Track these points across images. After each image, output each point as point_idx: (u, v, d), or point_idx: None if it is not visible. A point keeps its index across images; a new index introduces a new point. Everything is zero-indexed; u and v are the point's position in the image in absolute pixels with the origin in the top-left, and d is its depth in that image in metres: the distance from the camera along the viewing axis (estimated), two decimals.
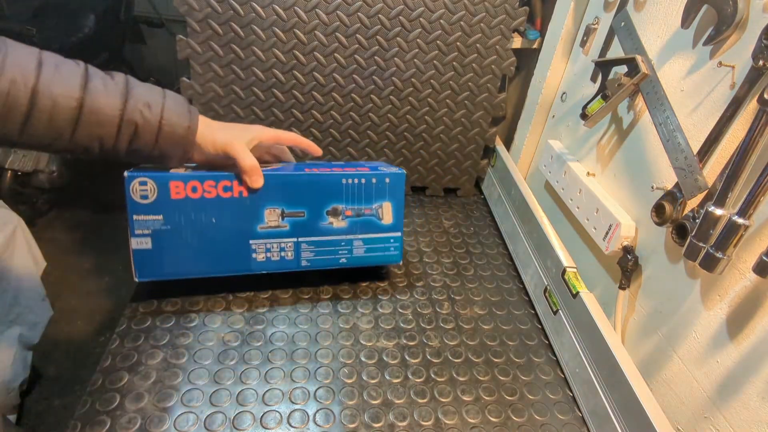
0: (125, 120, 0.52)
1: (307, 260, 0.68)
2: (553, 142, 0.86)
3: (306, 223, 0.66)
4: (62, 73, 0.49)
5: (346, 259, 0.70)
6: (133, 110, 0.52)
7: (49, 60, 0.49)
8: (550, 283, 0.74)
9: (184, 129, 0.56)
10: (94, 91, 0.50)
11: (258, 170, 0.61)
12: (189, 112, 0.57)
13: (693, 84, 0.57)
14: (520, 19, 0.87)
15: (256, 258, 0.65)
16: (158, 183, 0.59)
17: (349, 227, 0.68)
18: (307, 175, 0.65)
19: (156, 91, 0.56)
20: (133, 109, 0.52)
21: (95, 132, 0.51)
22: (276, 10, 0.80)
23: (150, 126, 0.54)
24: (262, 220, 0.64)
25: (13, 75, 0.46)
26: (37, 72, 0.48)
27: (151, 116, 0.54)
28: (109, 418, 0.54)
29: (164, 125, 0.54)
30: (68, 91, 0.49)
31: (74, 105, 0.49)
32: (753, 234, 0.48)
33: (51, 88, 0.48)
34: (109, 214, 2.03)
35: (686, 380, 0.56)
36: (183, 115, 0.56)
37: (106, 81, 0.52)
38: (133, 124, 0.53)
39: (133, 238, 0.61)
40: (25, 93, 0.47)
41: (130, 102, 0.52)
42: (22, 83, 0.47)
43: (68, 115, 0.49)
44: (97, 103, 0.50)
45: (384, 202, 0.69)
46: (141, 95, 0.53)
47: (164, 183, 0.59)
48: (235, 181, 0.62)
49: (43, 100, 0.48)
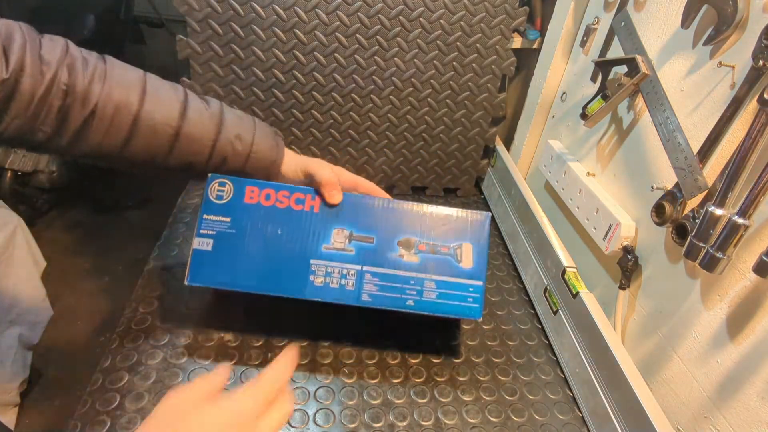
0: (217, 149, 0.56)
1: (369, 295, 0.60)
2: (553, 142, 0.86)
3: (374, 250, 0.61)
4: (163, 99, 0.52)
5: (414, 302, 0.60)
6: (225, 141, 0.56)
7: (152, 85, 0.52)
8: (550, 283, 0.74)
9: (270, 162, 0.60)
10: (191, 120, 0.53)
11: (336, 185, 0.60)
12: (277, 145, 0.60)
13: (693, 84, 0.57)
14: (520, 19, 0.87)
15: (313, 281, 0.60)
16: (235, 185, 0.60)
17: (422, 264, 0.61)
18: (383, 200, 0.62)
19: (247, 122, 0.58)
20: (225, 140, 0.56)
21: (187, 158, 0.55)
22: (276, 10, 0.80)
23: (239, 156, 0.57)
24: (328, 240, 0.60)
25: (119, 100, 0.49)
26: (141, 98, 0.50)
27: (241, 148, 0.57)
28: (109, 418, 0.54)
29: (252, 157, 0.58)
30: (167, 119, 0.52)
31: (171, 132, 0.52)
32: (753, 234, 0.48)
33: (153, 114, 0.51)
34: (109, 215, 2.03)
35: (686, 380, 0.56)
36: (271, 148, 0.59)
37: (201, 110, 0.55)
38: (223, 153, 0.56)
39: (197, 237, 0.59)
40: (128, 119, 0.50)
41: (222, 133, 0.55)
42: (126, 109, 0.49)
43: (165, 141, 0.52)
44: (193, 131, 0.53)
45: (464, 243, 0.62)
46: (233, 126, 0.56)
47: (241, 186, 0.60)
48: (309, 195, 0.60)
49: (144, 127, 0.51)
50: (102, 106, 0.48)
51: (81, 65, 0.48)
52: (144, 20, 2.17)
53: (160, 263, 0.76)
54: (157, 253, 0.78)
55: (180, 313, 0.67)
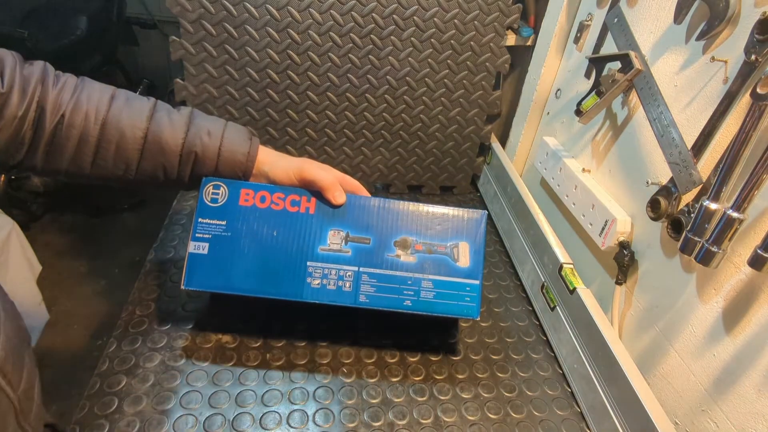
0: (186, 147, 0.55)
1: (366, 295, 0.60)
2: (548, 138, 0.87)
3: (371, 251, 0.60)
4: (132, 106, 0.53)
5: (412, 303, 0.60)
6: (194, 137, 0.55)
7: (121, 95, 0.54)
8: (547, 280, 0.74)
9: (243, 155, 0.58)
10: (159, 122, 0.54)
11: (338, 186, 0.60)
12: (249, 139, 0.59)
13: (686, 79, 0.57)
14: (513, 17, 0.87)
15: (310, 283, 0.59)
16: (230, 188, 0.59)
17: (419, 264, 0.61)
18: (379, 200, 0.62)
19: (218, 121, 0.58)
20: (194, 136, 0.56)
21: (159, 160, 0.55)
22: (269, 10, 0.80)
23: (210, 152, 0.57)
24: (325, 242, 0.60)
25: (88, 108, 0.51)
26: (109, 104, 0.52)
27: (210, 143, 0.56)
28: (107, 421, 0.54)
29: (223, 151, 0.57)
30: (135, 122, 0.53)
31: (140, 135, 0.53)
32: (747, 228, 0.49)
33: (119, 119, 0.52)
34: (104, 218, 2.03)
35: (683, 374, 0.56)
36: (243, 142, 0.58)
37: (171, 113, 0.56)
38: (193, 151, 0.56)
39: (192, 241, 0.59)
40: (95, 126, 0.51)
41: (191, 131, 0.56)
42: (93, 117, 0.51)
43: (134, 145, 0.53)
44: (161, 132, 0.54)
45: (460, 242, 0.62)
46: (203, 124, 0.57)
47: (236, 189, 0.59)
48: (304, 196, 0.60)
49: (111, 131, 0.52)
50: (71, 114, 0.50)
51: (53, 80, 0.51)
52: (136, 21, 2.16)
53: (156, 266, 0.75)
54: (153, 255, 0.77)
55: (177, 315, 0.67)
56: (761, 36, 0.46)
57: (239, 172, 0.59)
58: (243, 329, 0.66)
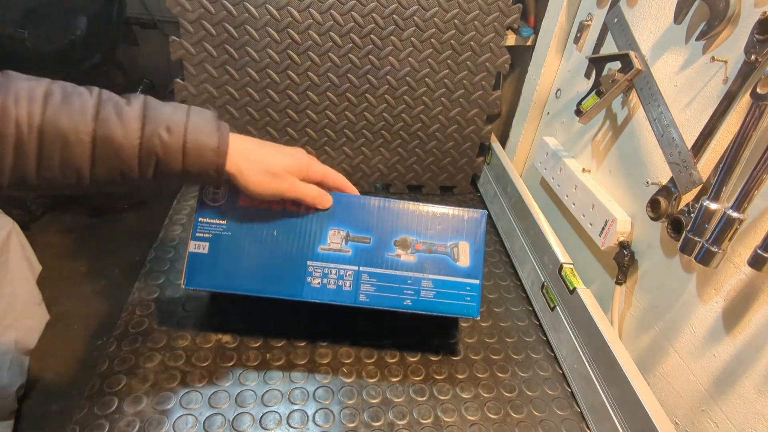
0: (145, 148, 0.47)
1: (366, 295, 0.60)
2: (548, 138, 0.87)
3: (371, 250, 0.61)
4: (71, 105, 0.44)
5: (412, 302, 0.61)
6: (152, 136, 0.47)
7: (56, 92, 0.44)
8: (547, 280, 0.74)
9: (212, 151, 0.49)
10: (107, 122, 0.45)
11: (320, 192, 0.59)
12: (218, 129, 0.50)
13: (686, 79, 0.57)
14: (513, 17, 0.87)
15: (310, 283, 0.60)
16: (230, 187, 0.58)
17: (419, 263, 0.61)
18: (380, 199, 0.62)
19: (179, 111, 0.49)
20: (152, 134, 0.47)
21: (115, 165, 0.46)
22: (269, 10, 0.80)
23: (172, 151, 0.48)
24: (325, 241, 0.60)
25: (18, 116, 0.42)
26: (43, 108, 0.43)
27: (171, 140, 0.48)
28: (107, 421, 0.54)
29: (189, 148, 0.48)
30: (78, 125, 0.44)
31: (87, 140, 0.44)
32: (747, 228, 0.49)
33: (58, 124, 0.43)
34: (103, 218, 2.02)
35: (683, 374, 0.56)
36: (210, 134, 0.50)
37: (120, 107, 0.46)
38: (153, 152, 0.47)
39: (192, 240, 0.59)
40: (30, 134, 0.42)
41: (147, 128, 0.47)
42: (27, 124, 0.42)
43: (82, 152, 0.45)
44: (112, 134, 0.45)
45: (460, 242, 0.62)
46: (160, 118, 0.48)
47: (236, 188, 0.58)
48: None
49: (51, 139, 0.43)
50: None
51: None
52: (136, 21, 2.16)
53: (156, 265, 0.75)
54: (153, 255, 0.77)
55: (177, 315, 0.67)
56: (761, 36, 0.46)
57: (211, 170, 0.50)
58: (243, 329, 0.66)
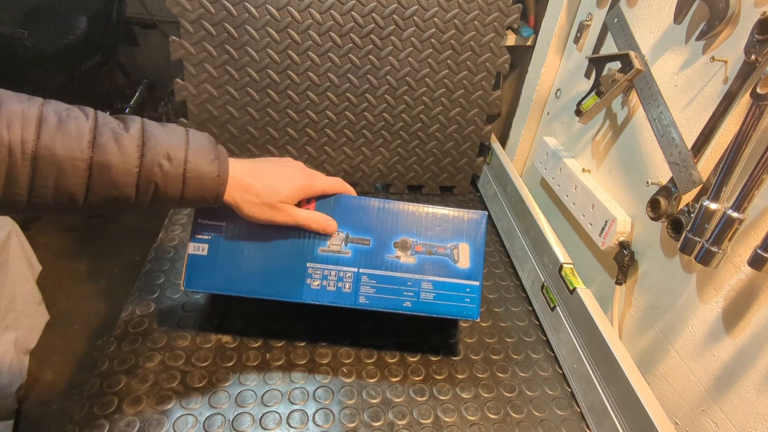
0: (144, 177, 0.46)
1: (365, 297, 0.60)
2: (548, 138, 0.87)
3: (370, 252, 0.60)
4: (66, 131, 0.43)
5: (411, 304, 0.60)
6: (152, 165, 0.46)
7: (50, 116, 0.42)
8: (547, 280, 0.74)
9: (212, 180, 0.50)
10: (104, 149, 0.44)
11: (320, 222, 0.59)
12: (217, 157, 0.50)
13: (686, 79, 0.57)
14: (513, 17, 0.87)
15: (310, 284, 0.59)
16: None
17: (419, 265, 0.61)
18: (379, 201, 0.62)
19: (178, 136, 0.49)
20: (152, 163, 0.46)
21: (111, 193, 0.45)
22: (269, 10, 0.80)
23: (172, 180, 0.48)
24: (324, 242, 0.60)
25: (11, 142, 0.40)
26: (36, 134, 0.41)
27: (171, 169, 0.47)
28: (107, 421, 0.54)
29: (189, 177, 0.48)
30: (74, 152, 0.43)
31: (83, 167, 0.43)
32: (747, 228, 0.49)
33: (53, 151, 0.41)
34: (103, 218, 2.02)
35: (683, 374, 0.56)
36: (210, 162, 0.50)
37: (118, 134, 0.45)
38: (152, 181, 0.46)
39: (192, 242, 0.59)
40: (24, 162, 0.41)
41: (147, 156, 0.46)
42: (20, 151, 0.40)
43: (77, 180, 0.43)
44: (109, 162, 0.44)
45: (460, 243, 0.62)
46: (160, 146, 0.47)
47: None
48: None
49: (45, 167, 0.42)
50: None
51: None
52: (136, 21, 2.16)
53: (156, 265, 0.75)
54: (153, 255, 0.77)
55: (177, 315, 0.67)
56: (761, 36, 0.46)
57: (210, 196, 0.50)
58: (243, 329, 0.66)
